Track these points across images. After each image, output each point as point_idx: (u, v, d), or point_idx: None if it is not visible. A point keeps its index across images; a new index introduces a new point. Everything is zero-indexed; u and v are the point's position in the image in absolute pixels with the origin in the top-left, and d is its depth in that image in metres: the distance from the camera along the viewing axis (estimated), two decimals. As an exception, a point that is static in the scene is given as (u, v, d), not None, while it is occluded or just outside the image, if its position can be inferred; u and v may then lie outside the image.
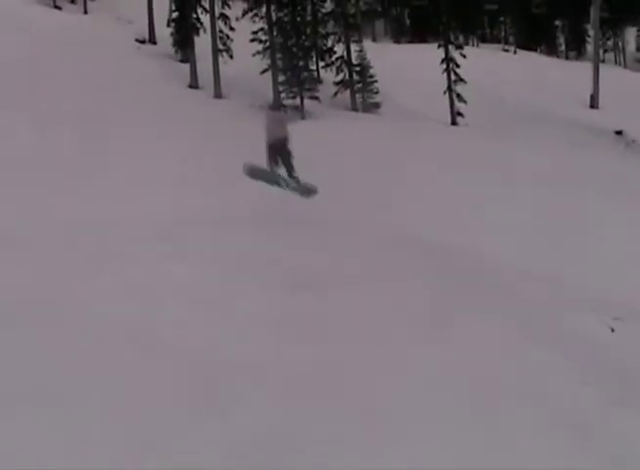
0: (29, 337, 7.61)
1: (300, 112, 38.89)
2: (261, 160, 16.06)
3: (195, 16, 42.27)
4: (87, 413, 6.18)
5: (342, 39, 46.27)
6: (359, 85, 45.67)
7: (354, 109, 44.54)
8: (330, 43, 46.44)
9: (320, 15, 48.33)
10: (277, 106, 17.21)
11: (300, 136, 30.78)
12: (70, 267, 9.96)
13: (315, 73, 45.60)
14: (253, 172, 15.21)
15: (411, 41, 74.81)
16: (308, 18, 45.31)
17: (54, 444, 5.58)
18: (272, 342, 9.07)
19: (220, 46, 41.13)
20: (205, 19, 41.98)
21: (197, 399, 6.77)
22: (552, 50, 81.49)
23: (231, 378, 7.54)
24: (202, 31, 41.91)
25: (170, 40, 44.19)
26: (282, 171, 15.37)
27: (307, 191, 15.20)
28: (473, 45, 74.20)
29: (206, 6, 41.91)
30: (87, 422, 6.02)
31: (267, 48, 41.39)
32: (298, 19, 42.54)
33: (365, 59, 46.23)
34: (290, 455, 6.32)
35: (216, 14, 41.65)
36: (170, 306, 9.53)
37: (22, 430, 5.75)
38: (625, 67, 78.29)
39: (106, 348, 7.69)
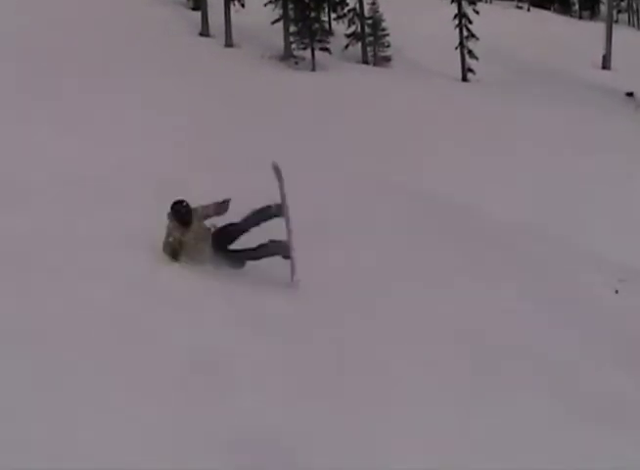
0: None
1: (311, 63, 38.71)
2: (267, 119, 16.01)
3: (208, -37, 41.82)
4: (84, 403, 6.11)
5: (355, -9, 45.92)
6: (371, 38, 45.33)
7: (365, 61, 44.27)
8: (342, -5, 46.09)
9: (333, -34, 47.83)
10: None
11: (311, 87, 30.88)
12: (68, 216, 9.97)
13: (327, 25, 45.17)
14: None
15: (424, -5, 74.15)
16: (322, -32, 44.79)
17: (49, 439, 5.51)
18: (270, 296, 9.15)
19: (232, -6, 40.80)
20: (218, -34, 41.54)
21: (195, 391, 6.72)
22: (565, 9, 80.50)
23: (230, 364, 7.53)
24: (214, -21, 41.54)
25: (182, -13, 43.90)
26: None
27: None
28: (486, 1, 73.46)
29: (220, -47, 41.44)
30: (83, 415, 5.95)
31: (279, -2, 41.08)
32: (312, -31, 42.07)
33: (377, 12, 45.82)
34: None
35: (229, -39, 41.23)
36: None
37: (21, 421, 5.69)
38: (639, 28, 77.48)
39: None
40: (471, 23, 43.97)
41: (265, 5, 40.63)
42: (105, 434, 5.60)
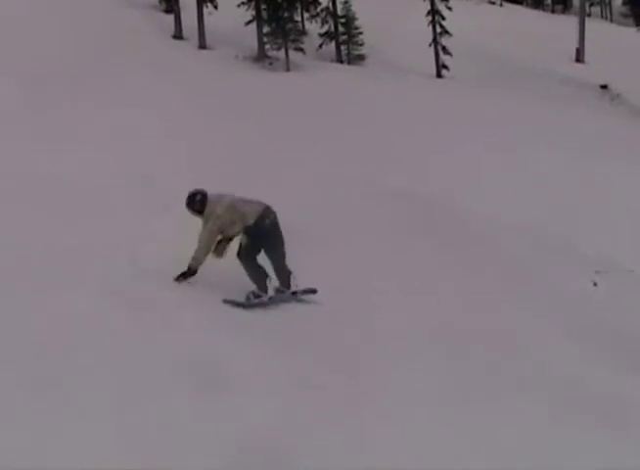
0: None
1: (286, 63, 38.57)
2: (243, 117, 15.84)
3: (179, -36, 41.58)
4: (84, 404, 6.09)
5: (328, -10, 45.81)
6: (344, 37, 45.28)
7: (339, 61, 44.20)
8: (315, -6, 45.98)
9: (305, -35, 47.66)
10: None
11: (286, 88, 30.80)
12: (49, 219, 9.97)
13: (300, 25, 45.11)
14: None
15: (397, -7, 74.28)
16: (293, -32, 44.64)
17: (49, 439, 5.48)
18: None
19: (205, -4, 40.61)
20: (190, -33, 41.31)
21: (191, 392, 6.68)
22: (538, 3, 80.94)
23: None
24: (186, -19, 41.33)
25: (154, -10, 43.66)
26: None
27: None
28: (459, -3, 73.65)
29: (191, -46, 41.21)
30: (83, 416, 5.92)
31: (252, -1, 40.92)
32: (283, -31, 41.89)
33: (350, 10, 45.79)
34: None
35: (201, -37, 41.01)
36: (151, 261, 9.47)
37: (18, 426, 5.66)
38: (611, 21, 77.88)
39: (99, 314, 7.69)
40: (444, 19, 44.00)
41: (238, 6, 40.38)
42: (101, 437, 5.62)
